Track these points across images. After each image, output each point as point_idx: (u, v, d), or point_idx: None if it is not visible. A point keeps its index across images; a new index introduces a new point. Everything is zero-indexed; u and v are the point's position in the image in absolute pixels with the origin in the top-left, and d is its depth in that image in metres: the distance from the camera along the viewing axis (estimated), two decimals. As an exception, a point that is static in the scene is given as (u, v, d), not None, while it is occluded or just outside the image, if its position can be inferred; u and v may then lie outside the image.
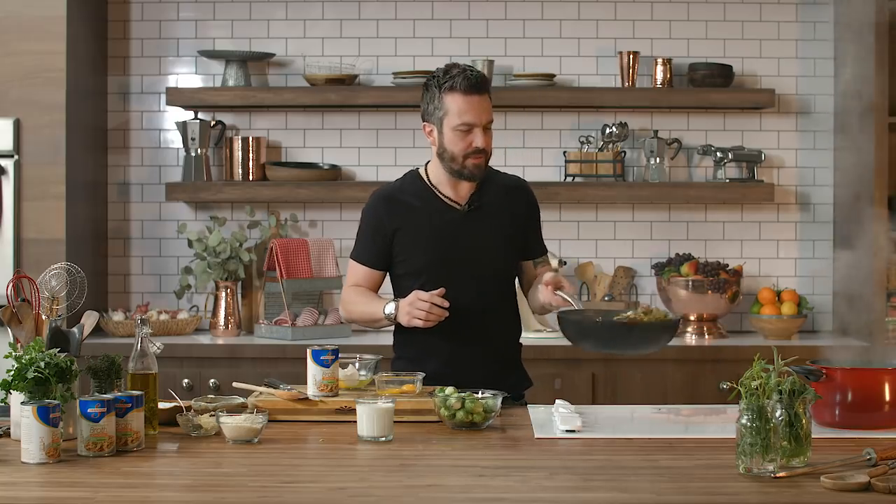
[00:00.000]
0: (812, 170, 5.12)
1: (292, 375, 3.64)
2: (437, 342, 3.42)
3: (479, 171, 3.42)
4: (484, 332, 3.47)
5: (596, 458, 2.69)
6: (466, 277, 3.43)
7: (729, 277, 4.85)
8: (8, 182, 4.60)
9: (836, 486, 2.35)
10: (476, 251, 3.45)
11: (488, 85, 3.43)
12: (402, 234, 3.45)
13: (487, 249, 3.46)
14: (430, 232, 3.44)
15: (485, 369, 3.42)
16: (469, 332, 3.43)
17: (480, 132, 3.38)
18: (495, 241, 3.47)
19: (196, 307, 5.07)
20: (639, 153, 5.12)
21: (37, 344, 2.79)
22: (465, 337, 3.43)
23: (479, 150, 3.39)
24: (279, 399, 3.10)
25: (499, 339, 3.53)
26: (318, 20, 5.12)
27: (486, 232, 3.46)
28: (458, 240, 3.45)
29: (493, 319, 3.49)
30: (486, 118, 3.39)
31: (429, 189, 3.49)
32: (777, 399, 2.57)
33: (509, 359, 3.56)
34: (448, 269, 3.42)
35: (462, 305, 3.37)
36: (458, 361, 3.42)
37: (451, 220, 3.46)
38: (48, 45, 4.61)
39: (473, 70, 3.41)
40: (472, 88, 3.36)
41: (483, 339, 3.47)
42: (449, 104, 3.38)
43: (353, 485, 2.45)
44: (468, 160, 3.40)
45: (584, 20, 5.11)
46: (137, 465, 2.62)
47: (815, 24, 5.10)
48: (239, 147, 5.02)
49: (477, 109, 3.37)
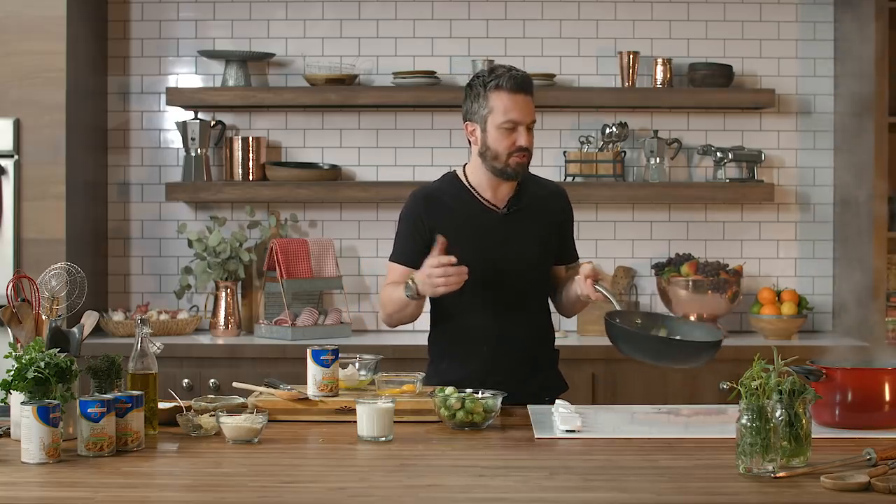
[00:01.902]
0: (812, 170, 5.12)
1: (292, 375, 3.64)
2: (473, 345, 3.45)
3: (521, 168, 3.44)
4: (519, 334, 3.47)
5: (596, 458, 2.69)
6: (503, 279, 3.44)
7: (729, 277, 4.85)
8: (8, 182, 4.60)
9: (836, 486, 2.35)
10: (513, 253, 3.46)
11: (532, 86, 3.45)
12: (440, 232, 3.42)
13: (525, 252, 3.47)
14: (469, 232, 3.44)
15: (521, 371, 3.45)
16: (505, 334, 3.44)
17: (524, 131, 3.40)
18: (532, 245, 3.48)
19: (196, 307, 5.07)
20: (639, 153, 5.12)
21: (37, 344, 2.79)
22: (501, 339, 3.44)
23: (523, 149, 3.40)
24: (279, 399, 3.11)
25: (535, 342, 3.53)
26: (318, 20, 5.12)
27: (523, 235, 3.47)
28: (496, 242, 3.45)
29: (528, 321, 3.50)
30: (530, 117, 3.41)
31: (468, 191, 3.50)
32: (777, 399, 2.57)
33: (545, 361, 3.56)
34: (485, 271, 3.40)
35: (499, 307, 3.42)
36: (496, 363, 3.43)
37: (489, 221, 3.47)
38: (48, 45, 4.61)
39: (519, 70, 3.44)
40: (517, 87, 3.39)
41: (519, 341, 3.47)
42: (494, 102, 3.39)
43: (353, 485, 2.45)
44: (512, 158, 3.41)
45: (584, 20, 5.11)
46: (137, 465, 2.62)
47: (815, 24, 5.10)
48: (239, 147, 5.02)
49: (522, 108, 3.39)
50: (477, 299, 3.42)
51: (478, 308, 3.44)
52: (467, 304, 3.43)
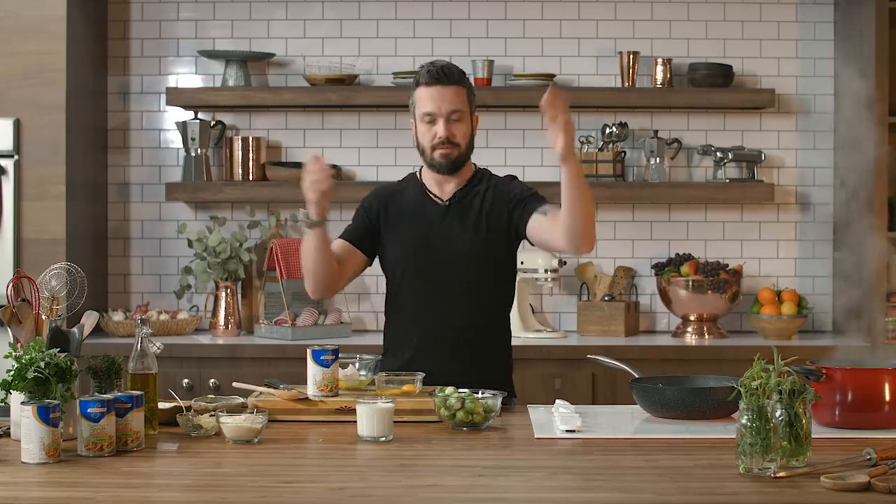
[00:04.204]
0: (812, 170, 5.12)
1: (292, 375, 3.64)
2: (407, 335, 3.47)
3: (446, 160, 3.45)
4: (455, 325, 3.45)
5: (596, 458, 2.69)
6: (444, 269, 3.44)
7: (729, 277, 4.85)
8: (8, 182, 4.60)
9: (836, 486, 2.35)
10: (452, 244, 3.45)
11: (456, 76, 3.44)
12: (386, 222, 3.51)
13: (462, 244, 3.45)
14: (411, 222, 3.49)
15: (454, 364, 3.38)
16: (439, 323, 3.44)
17: (443, 122, 3.41)
18: (469, 235, 3.46)
19: (196, 307, 5.07)
20: (639, 153, 5.12)
21: (37, 344, 2.79)
22: (434, 328, 3.45)
23: (444, 141, 3.42)
24: (279, 399, 3.10)
25: (474, 334, 3.46)
26: (318, 20, 5.12)
27: (464, 225, 3.46)
28: (435, 231, 3.47)
29: (465, 314, 3.44)
30: (446, 108, 3.41)
31: (420, 186, 3.55)
32: (777, 399, 2.56)
33: (483, 358, 3.47)
34: (425, 261, 3.44)
35: (437, 297, 3.43)
36: (428, 353, 3.42)
37: (431, 213, 3.50)
38: (48, 45, 4.61)
39: (442, 63, 3.46)
40: (432, 80, 3.42)
41: (454, 331, 3.44)
42: (416, 97, 3.47)
43: (353, 485, 2.45)
44: (435, 151, 3.45)
45: (584, 20, 5.11)
46: (137, 465, 2.62)
47: (815, 24, 5.10)
48: (239, 147, 5.02)
49: (437, 100, 3.41)
50: (415, 289, 3.47)
51: (415, 298, 3.47)
52: (406, 293, 3.48)
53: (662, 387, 3.18)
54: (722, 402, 3.05)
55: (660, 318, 5.12)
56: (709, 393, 3.11)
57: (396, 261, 3.50)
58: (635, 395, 3.17)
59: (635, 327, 4.98)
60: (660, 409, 3.11)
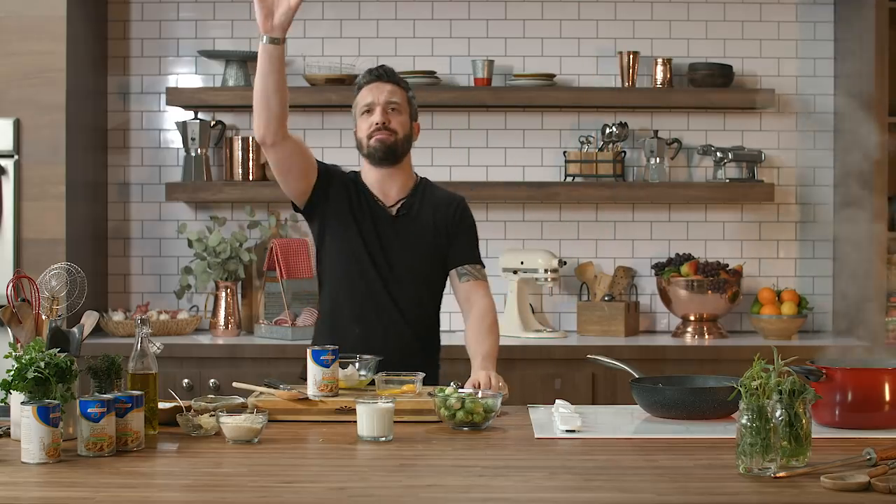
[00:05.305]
0: (812, 170, 5.12)
1: (292, 375, 3.64)
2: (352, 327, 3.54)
3: (381, 145, 3.50)
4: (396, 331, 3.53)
5: (596, 458, 2.69)
6: (389, 280, 3.51)
7: (729, 277, 4.85)
8: (8, 182, 4.60)
9: (836, 486, 2.35)
10: (397, 257, 3.52)
11: (394, 75, 3.56)
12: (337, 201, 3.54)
13: (408, 255, 3.53)
14: (354, 222, 3.52)
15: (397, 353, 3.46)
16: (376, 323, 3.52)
17: (379, 110, 3.49)
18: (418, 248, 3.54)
19: (196, 307, 5.07)
20: (639, 153, 5.12)
21: (37, 344, 2.79)
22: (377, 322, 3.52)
23: (380, 127, 3.48)
24: (279, 399, 3.11)
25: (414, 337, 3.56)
26: (318, 20, 5.12)
27: (411, 238, 3.54)
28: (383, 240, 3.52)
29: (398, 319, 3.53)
30: (384, 98, 3.49)
31: (364, 187, 3.59)
32: (777, 399, 2.56)
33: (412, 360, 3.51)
34: (368, 269, 3.50)
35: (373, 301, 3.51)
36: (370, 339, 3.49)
37: (377, 217, 3.54)
38: (48, 45, 4.61)
39: (383, 66, 3.58)
40: (372, 78, 3.54)
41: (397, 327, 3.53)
42: (358, 98, 3.56)
43: (353, 485, 2.45)
44: (372, 139, 3.51)
45: (584, 20, 5.12)
46: (137, 465, 2.62)
47: (815, 24, 5.10)
48: (239, 147, 5.02)
49: (375, 92, 3.52)
50: (356, 297, 3.53)
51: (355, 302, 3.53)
52: (346, 295, 3.55)
53: (662, 387, 3.18)
54: (722, 402, 3.05)
55: (660, 318, 5.12)
56: (709, 393, 3.12)
57: (339, 261, 3.54)
58: (635, 395, 3.17)
59: (635, 327, 4.98)
60: (660, 409, 3.11)
